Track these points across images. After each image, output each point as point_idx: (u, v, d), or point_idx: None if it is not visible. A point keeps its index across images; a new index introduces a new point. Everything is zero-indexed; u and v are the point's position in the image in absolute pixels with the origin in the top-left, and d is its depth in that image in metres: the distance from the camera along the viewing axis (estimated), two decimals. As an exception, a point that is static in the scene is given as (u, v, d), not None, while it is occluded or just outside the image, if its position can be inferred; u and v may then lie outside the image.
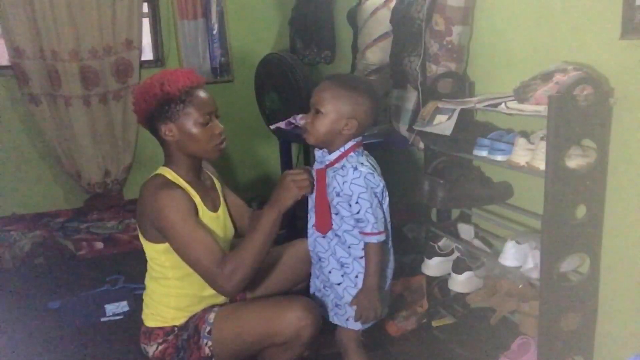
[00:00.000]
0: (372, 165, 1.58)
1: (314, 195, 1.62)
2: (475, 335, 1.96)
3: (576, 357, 1.66)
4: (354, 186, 1.51)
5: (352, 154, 1.55)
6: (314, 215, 1.63)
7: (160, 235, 1.54)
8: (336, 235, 1.59)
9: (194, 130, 1.56)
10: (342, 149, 1.55)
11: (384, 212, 1.57)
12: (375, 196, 1.53)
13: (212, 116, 1.60)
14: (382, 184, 1.57)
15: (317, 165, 1.63)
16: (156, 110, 1.55)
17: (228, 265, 1.49)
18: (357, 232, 1.56)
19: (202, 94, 1.58)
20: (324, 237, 1.61)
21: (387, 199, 1.59)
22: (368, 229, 1.52)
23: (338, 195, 1.54)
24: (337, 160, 1.56)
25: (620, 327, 1.61)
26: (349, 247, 1.58)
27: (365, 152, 1.61)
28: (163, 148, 1.63)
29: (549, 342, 1.58)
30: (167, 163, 1.63)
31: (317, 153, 1.64)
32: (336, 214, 1.57)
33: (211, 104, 1.60)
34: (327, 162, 1.58)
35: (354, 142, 1.57)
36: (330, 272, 1.62)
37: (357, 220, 1.53)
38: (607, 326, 1.64)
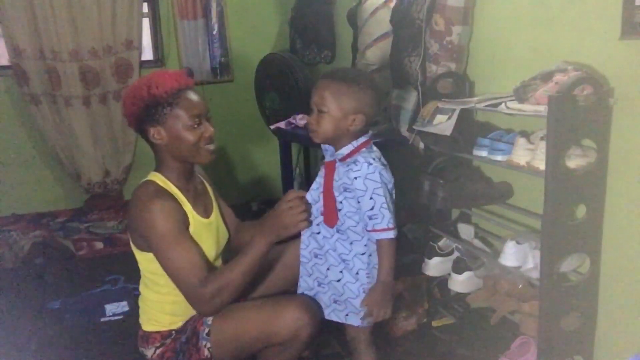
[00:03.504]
0: (383, 162, 1.56)
1: (317, 190, 1.60)
2: (475, 335, 1.96)
3: (576, 357, 1.66)
4: (368, 181, 1.49)
5: (363, 149, 1.53)
6: (311, 211, 1.60)
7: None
8: (338, 231, 1.57)
9: (183, 133, 1.52)
10: (354, 144, 1.53)
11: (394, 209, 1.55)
12: (388, 191, 1.52)
13: (202, 119, 1.56)
14: (392, 180, 1.55)
15: (327, 158, 1.61)
16: (144, 114, 1.52)
17: (212, 284, 1.46)
18: (360, 229, 1.54)
19: (190, 96, 1.54)
20: (319, 233, 1.59)
21: (394, 196, 1.57)
22: (384, 225, 1.50)
23: (346, 190, 1.52)
24: (350, 155, 1.53)
25: (620, 327, 1.61)
26: (351, 244, 1.57)
27: (375, 148, 1.59)
28: (154, 152, 1.60)
29: (549, 342, 1.58)
30: (158, 168, 1.61)
31: (325, 146, 1.61)
32: (339, 210, 1.55)
33: (201, 106, 1.55)
34: (339, 157, 1.55)
35: (365, 139, 1.55)
36: (328, 268, 1.60)
37: (370, 217, 1.50)
38: (607, 326, 1.64)
